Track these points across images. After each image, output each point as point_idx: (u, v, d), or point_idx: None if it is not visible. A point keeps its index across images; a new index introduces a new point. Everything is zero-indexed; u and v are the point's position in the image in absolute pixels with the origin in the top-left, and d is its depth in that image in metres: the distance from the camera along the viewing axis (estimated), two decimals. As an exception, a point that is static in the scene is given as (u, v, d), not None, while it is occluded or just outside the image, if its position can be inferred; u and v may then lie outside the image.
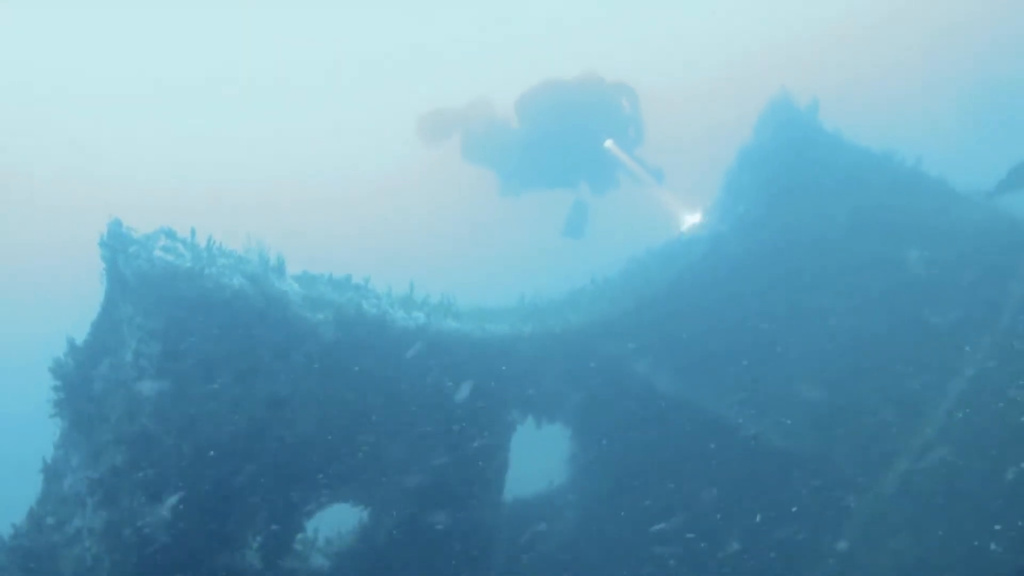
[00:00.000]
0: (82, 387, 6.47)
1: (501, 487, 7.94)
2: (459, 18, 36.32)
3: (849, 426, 8.20)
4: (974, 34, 33.51)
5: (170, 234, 6.52)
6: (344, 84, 38.19)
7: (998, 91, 31.49)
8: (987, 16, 32.75)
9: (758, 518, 8.21)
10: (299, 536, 7.17)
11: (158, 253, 6.29)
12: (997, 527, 7.54)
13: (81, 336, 6.64)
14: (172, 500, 6.26)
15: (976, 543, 7.58)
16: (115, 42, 35.41)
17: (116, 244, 6.30)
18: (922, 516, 7.82)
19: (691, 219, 9.19)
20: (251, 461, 6.76)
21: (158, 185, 36.51)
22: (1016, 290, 8.08)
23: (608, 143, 11.09)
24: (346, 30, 37.62)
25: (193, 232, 6.63)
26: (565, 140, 11.04)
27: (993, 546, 7.45)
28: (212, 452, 6.53)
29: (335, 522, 7.45)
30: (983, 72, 32.38)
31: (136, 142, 37.14)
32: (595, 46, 34.18)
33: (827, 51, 35.51)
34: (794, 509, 8.20)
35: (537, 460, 8.78)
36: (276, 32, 37.02)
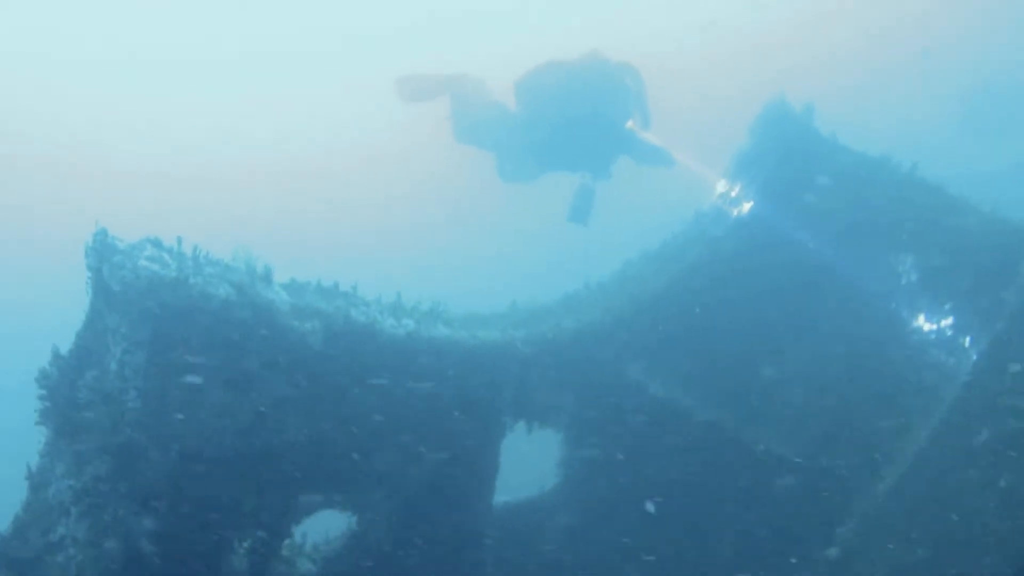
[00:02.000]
0: (67, 396, 6.30)
1: (491, 492, 7.80)
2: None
3: (844, 432, 8.04)
4: (974, 33, 32.96)
5: (156, 243, 6.37)
6: (321, 57, 37.04)
7: (997, 91, 31.03)
8: (986, 15, 32.19)
9: (750, 523, 8.07)
10: (286, 542, 7.04)
11: (143, 263, 6.13)
12: (990, 536, 7.37)
13: (66, 345, 6.47)
14: (157, 509, 6.13)
15: (969, 552, 7.41)
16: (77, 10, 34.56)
17: (101, 253, 6.15)
18: (913, 524, 7.65)
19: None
20: (239, 468, 6.63)
21: (134, 159, 35.82)
22: (1012, 297, 7.85)
23: (629, 124, 10.58)
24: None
25: (179, 241, 6.47)
26: (568, 123, 10.43)
27: (987, 559, 7.28)
28: (199, 460, 6.40)
29: (323, 528, 7.31)
30: (982, 72, 31.86)
31: (101, 116, 36.26)
32: (585, 21, 33.31)
33: (825, 52, 34.94)
34: (786, 514, 8.05)
35: (527, 464, 8.61)
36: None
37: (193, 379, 6.31)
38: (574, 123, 10.32)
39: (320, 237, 36.03)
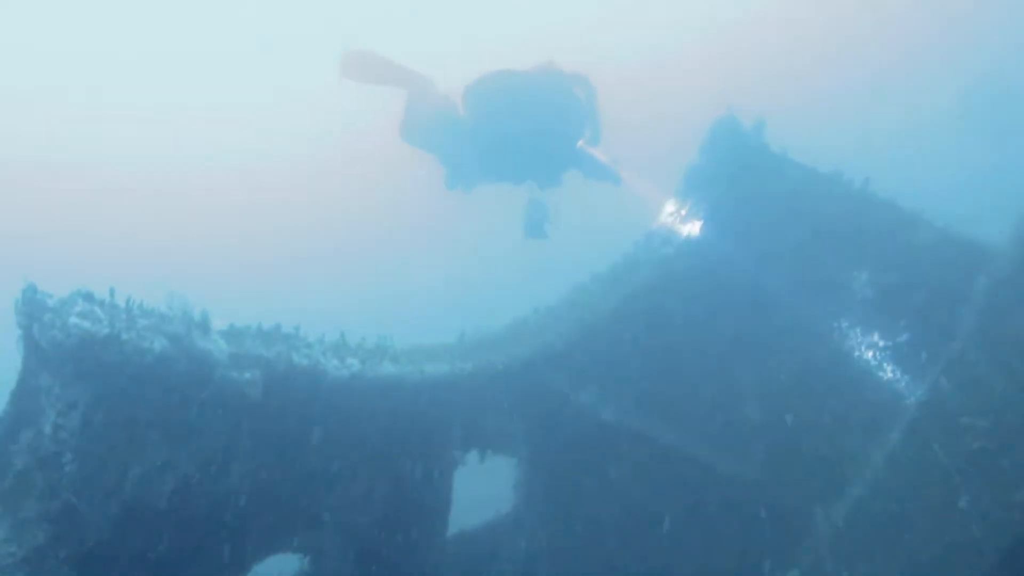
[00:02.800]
0: (2, 459, 6.12)
1: (445, 526, 7.69)
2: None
3: (801, 452, 7.95)
4: (972, 33, 32.52)
5: (87, 297, 6.15)
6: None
7: (996, 91, 30.69)
8: (985, 15, 31.76)
9: (708, 546, 7.99)
10: (239, 587, 6.92)
11: (74, 320, 5.92)
12: (952, 557, 7.31)
13: (-1, 404, 6.29)
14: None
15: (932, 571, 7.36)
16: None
17: (31, 312, 5.93)
18: (874, 545, 7.58)
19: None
20: (184, 521, 6.49)
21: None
22: (967, 315, 7.73)
23: (580, 143, 10.38)
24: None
25: (112, 292, 6.25)
26: (518, 134, 10.21)
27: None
28: (142, 518, 6.24)
29: (275, 571, 7.20)
30: (981, 71, 31.49)
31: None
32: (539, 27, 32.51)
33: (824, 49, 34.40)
34: (744, 536, 7.97)
35: (481, 488, 8.48)
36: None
37: (130, 436, 6.15)
38: (524, 135, 10.11)
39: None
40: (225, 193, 37.00)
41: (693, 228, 8.22)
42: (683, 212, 8.31)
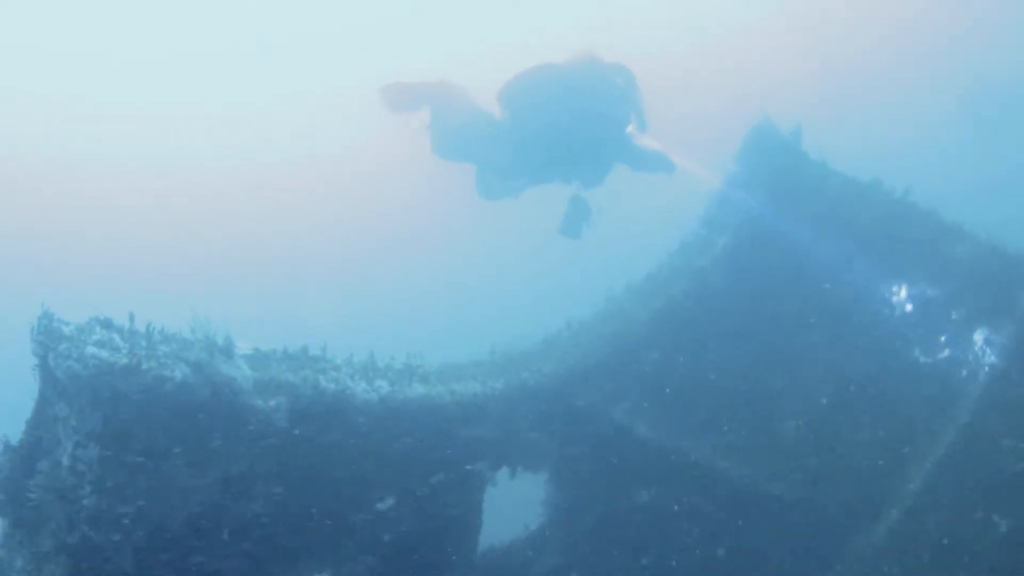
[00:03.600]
0: (20, 489, 5.77)
1: (475, 546, 7.35)
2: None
3: (839, 470, 7.58)
4: (972, 33, 31.70)
5: (106, 324, 5.79)
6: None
7: (996, 91, 29.95)
8: (985, 15, 30.93)
9: (741, 565, 7.64)
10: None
11: (91, 349, 5.54)
12: None
13: (16, 433, 5.92)
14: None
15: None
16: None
17: (46, 341, 5.55)
18: (911, 567, 7.23)
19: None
20: (207, 547, 6.15)
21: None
22: (1012, 331, 7.34)
23: (629, 128, 9.67)
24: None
25: (132, 318, 5.86)
26: (562, 131, 9.41)
27: None
28: (163, 545, 5.89)
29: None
30: (980, 71, 30.72)
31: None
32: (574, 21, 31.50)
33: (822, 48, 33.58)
34: (778, 555, 7.62)
35: (511, 502, 8.10)
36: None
37: (151, 466, 5.79)
38: (569, 130, 9.35)
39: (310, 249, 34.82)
40: (244, 194, 36.33)
41: (728, 237, 7.80)
42: (717, 221, 7.89)
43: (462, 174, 10.23)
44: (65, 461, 5.62)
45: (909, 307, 7.65)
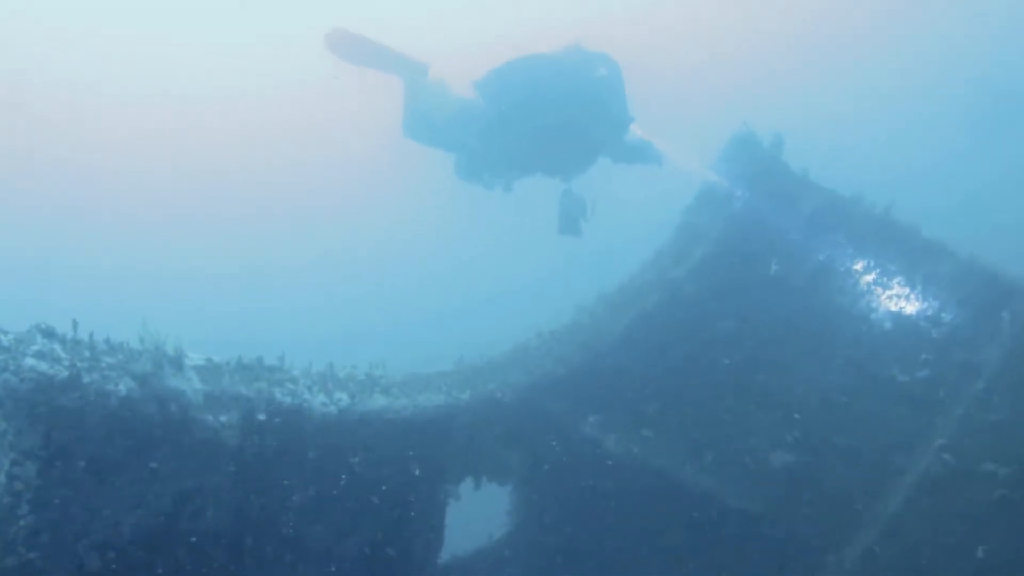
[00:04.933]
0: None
1: (435, 561, 6.91)
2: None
3: (814, 490, 7.16)
4: (972, 32, 30.98)
5: (47, 333, 5.27)
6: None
7: (996, 91, 29.33)
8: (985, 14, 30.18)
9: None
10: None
11: (30, 361, 5.04)
12: None
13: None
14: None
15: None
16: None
17: (-18, 351, 5.04)
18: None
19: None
20: (158, 560, 5.69)
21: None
22: (992, 353, 6.91)
23: (633, 126, 8.99)
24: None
25: (75, 326, 5.35)
26: (551, 123, 8.78)
27: None
28: (112, 563, 5.43)
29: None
30: (981, 72, 30.06)
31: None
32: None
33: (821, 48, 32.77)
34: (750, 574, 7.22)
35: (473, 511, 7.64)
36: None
37: (93, 484, 5.31)
38: (554, 121, 8.74)
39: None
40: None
41: (705, 247, 7.33)
42: (693, 231, 7.41)
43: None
44: (1, 479, 5.14)
45: (888, 326, 7.20)
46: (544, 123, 8.78)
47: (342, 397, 6.10)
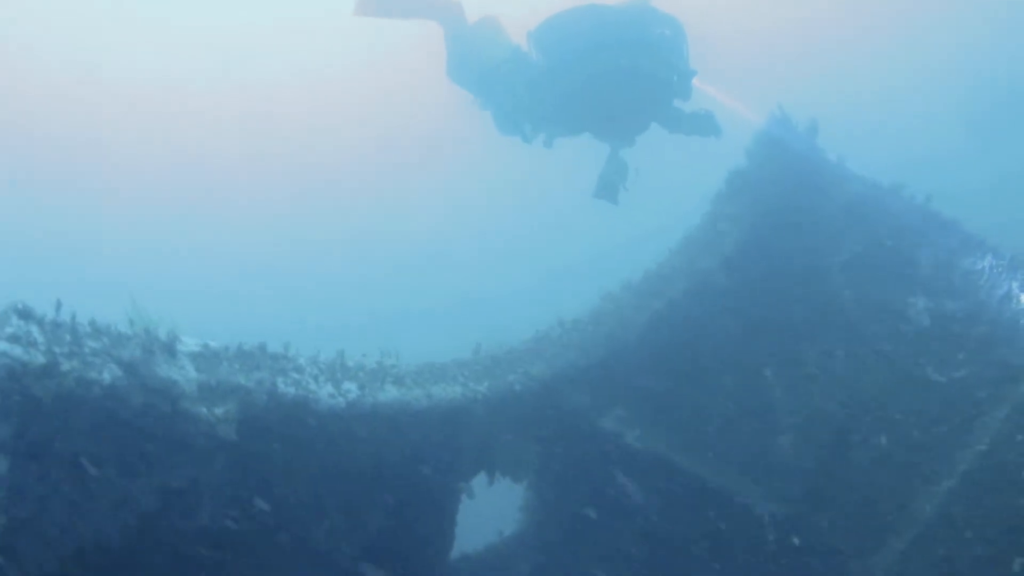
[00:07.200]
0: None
1: (446, 559, 6.08)
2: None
3: (841, 493, 6.35)
4: (972, 32, 29.95)
5: (24, 313, 4.36)
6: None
7: (996, 90, 28.42)
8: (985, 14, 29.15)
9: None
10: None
11: (2, 345, 4.14)
12: None
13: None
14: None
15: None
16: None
17: (-48, 334, 4.15)
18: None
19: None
20: (142, 564, 4.84)
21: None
22: (1031, 354, 6.08)
23: (696, 81, 7.93)
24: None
25: (59, 306, 4.45)
26: (600, 79, 7.73)
27: None
28: (94, 566, 4.57)
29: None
30: (981, 71, 29.09)
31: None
32: None
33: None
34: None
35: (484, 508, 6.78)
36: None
37: (72, 481, 4.44)
38: (614, 77, 7.68)
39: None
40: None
41: (735, 237, 6.48)
42: (724, 219, 6.56)
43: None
44: (-31, 475, 4.27)
45: (926, 322, 6.37)
46: (599, 77, 7.75)
47: (351, 388, 5.23)
